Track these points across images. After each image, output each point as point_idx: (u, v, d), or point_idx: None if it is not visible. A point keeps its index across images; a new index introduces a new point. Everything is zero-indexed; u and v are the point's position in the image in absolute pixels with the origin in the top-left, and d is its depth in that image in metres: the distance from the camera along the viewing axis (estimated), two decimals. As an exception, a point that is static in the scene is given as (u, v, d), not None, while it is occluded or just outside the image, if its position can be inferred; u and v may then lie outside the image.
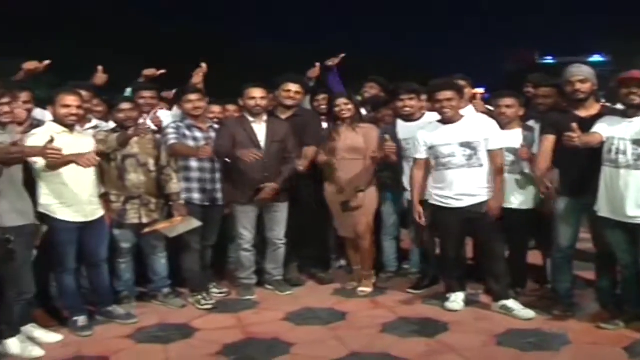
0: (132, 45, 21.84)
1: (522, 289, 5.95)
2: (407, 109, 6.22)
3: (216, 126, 6.32)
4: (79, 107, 5.33)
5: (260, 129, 6.18)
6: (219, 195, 6.19)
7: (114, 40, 21.93)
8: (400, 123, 6.32)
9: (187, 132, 6.04)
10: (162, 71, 7.13)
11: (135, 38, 22.63)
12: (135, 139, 5.71)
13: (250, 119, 6.20)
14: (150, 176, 5.86)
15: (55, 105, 5.29)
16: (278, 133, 6.21)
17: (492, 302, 5.67)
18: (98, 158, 4.96)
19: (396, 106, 6.35)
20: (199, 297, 5.99)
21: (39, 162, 4.92)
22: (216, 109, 6.71)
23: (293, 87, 6.47)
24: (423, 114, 6.26)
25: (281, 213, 6.33)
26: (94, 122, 6.03)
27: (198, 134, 6.09)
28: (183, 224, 5.84)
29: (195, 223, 5.88)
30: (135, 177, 5.79)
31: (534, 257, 6.29)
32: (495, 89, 6.96)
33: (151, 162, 5.87)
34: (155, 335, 5.31)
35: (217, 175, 6.16)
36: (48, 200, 5.20)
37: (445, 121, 5.60)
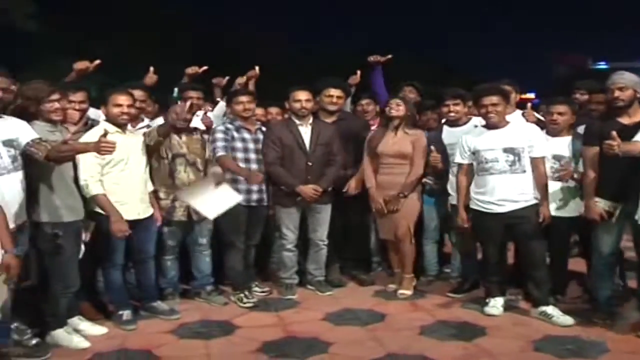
0: (179, 46, 22.10)
1: (562, 296, 5.91)
2: (452, 114, 6.27)
3: (264, 128, 6.42)
4: (130, 106, 5.49)
5: (306, 131, 6.29)
6: (265, 195, 6.29)
7: (163, 41, 22.24)
8: (446, 128, 6.37)
9: (236, 134, 6.16)
10: (204, 68, 7.23)
11: (181, 41, 22.90)
12: (184, 138, 5.86)
13: (297, 121, 6.30)
14: (199, 175, 5.96)
15: (108, 105, 5.45)
16: (324, 136, 6.31)
17: (532, 308, 5.67)
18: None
19: (441, 111, 6.40)
20: (241, 295, 6.09)
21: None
22: (259, 111, 6.76)
23: (335, 92, 6.57)
24: (469, 119, 6.29)
25: (324, 214, 6.40)
26: (146, 121, 6.18)
27: (246, 136, 6.22)
28: (222, 198, 5.83)
29: (236, 197, 5.90)
30: (184, 176, 5.90)
31: (578, 264, 6.26)
32: (545, 94, 6.92)
33: (199, 161, 5.98)
34: (197, 331, 5.42)
35: (265, 176, 6.23)
36: None
37: (489, 126, 5.62)
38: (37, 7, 19.77)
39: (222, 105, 6.72)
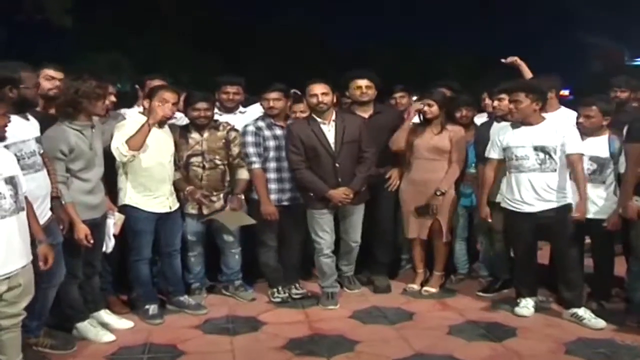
0: (212, 42, 22.04)
1: (607, 302, 5.70)
2: (500, 110, 5.97)
3: None
4: (174, 104, 5.52)
5: (329, 129, 5.83)
6: (300, 194, 6.08)
7: (194, 37, 22.23)
8: (495, 124, 6.09)
9: (267, 132, 5.97)
10: None
11: (213, 35, 22.79)
12: (205, 135, 5.82)
13: (318, 119, 5.83)
14: (216, 170, 5.88)
15: (153, 99, 5.43)
16: (350, 132, 5.84)
17: (563, 310, 5.53)
18: None
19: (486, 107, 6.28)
20: (274, 289, 6.01)
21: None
22: (300, 107, 6.47)
23: (362, 82, 6.25)
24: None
25: (357, 216, 6.07)
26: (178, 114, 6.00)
27: (279, 132, 6.00)
28: (236, 218, 5.85)
29: (248, 220, 5.88)
30: (199, 170, 5.83)
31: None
32: (581, 91, 6.72)
33: (217, 158, 5.87)
34: (223, 326, 5.41)
35: None
36: (135, 193, 5.41)
37: (523, 122, 5.50)
38: (72, 2, 19.88)
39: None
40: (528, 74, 6.49)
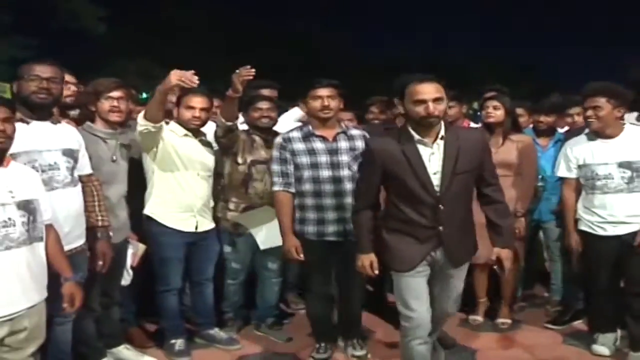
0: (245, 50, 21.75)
1: None
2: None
3: (354, 132, 4.75)
4: (202, 109, 4.87)
5: (432, 152, 3.75)
6: (350, 227, 4.42)
7: (228, 45, 21.98)
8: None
9: (302, 146, 4.58)
10: None
11: (247, 43, 22.46)
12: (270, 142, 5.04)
13: (416, 135, 3.76)
14: None
15: (180, 106, 4.88)
16: (467, 157, 3.79)
17: (630, 352, 4.74)
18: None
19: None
20: (318, 345, 4.88)
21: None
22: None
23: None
24: None
25: (458, 278, 4.07)
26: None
27: (319, 145, 4.59)
28: (273, 233, 4.90)
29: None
30: (260, 186, 5.07)
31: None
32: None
33: None
34: (259, 365, 4.79)
35: (347, 200, 4.49)
36: (157, 204, 4.80)
37: (601, 135, 4.76)
38: (106, 10, 19.77)
39: (296, 111, 5.69)
40: None
